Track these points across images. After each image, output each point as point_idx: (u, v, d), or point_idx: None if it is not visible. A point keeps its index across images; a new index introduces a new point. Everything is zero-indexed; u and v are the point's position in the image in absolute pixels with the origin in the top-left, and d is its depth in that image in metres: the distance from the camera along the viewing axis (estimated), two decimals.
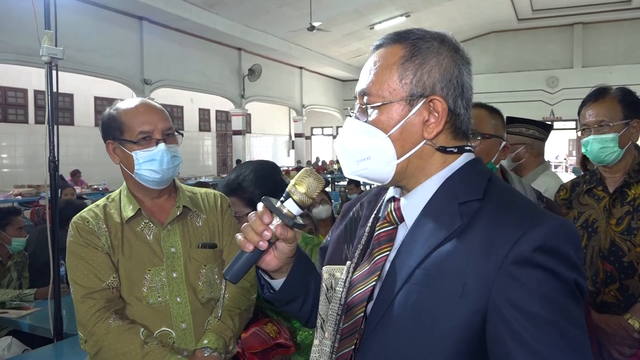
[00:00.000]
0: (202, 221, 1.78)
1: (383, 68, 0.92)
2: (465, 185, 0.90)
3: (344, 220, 1.12)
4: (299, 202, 0.93)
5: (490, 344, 0.81)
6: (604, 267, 1.96)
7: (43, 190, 8.57)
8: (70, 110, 13.59)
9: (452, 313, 0.82)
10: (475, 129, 1.64)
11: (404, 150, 0.91)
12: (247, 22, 13.62)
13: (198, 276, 1.71)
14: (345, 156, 0.96)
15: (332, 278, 1.00)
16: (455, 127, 0.93)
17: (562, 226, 0.83)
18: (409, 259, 0.88)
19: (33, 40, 2.94)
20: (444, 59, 0.91)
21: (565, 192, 2.20)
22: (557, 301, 0.79)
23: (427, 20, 15.96)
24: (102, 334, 1.56)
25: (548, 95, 18.82)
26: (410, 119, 0.90)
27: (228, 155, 19.02)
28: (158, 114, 1.69)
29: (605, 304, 1.96)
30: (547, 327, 0.77)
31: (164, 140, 1.66)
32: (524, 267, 0.79)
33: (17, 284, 3.64)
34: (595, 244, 1.99)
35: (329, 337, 0.94)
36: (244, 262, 0.94)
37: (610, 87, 2.01)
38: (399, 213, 0.95)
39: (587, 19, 18.09)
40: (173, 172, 1.70)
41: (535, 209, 0.87)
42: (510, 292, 0.79)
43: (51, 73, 2.83)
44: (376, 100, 0.92)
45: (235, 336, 1.70)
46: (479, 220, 0.85)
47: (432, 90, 0.90)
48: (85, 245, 1.64)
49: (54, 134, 2.81)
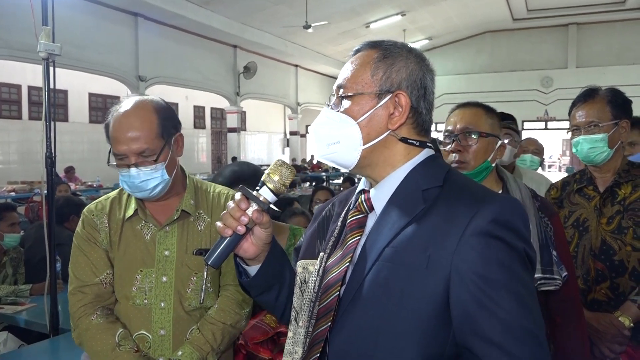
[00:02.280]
0: (205, 225, 1.72)
1: (358, 66, 1.05)
2: (427, 174, 1.01)
3: (316, 220, 1.21)
4: (274, 189, 1.02)
5: (453, 308, 0.90)
6: (595, 265, 1.98)
7: (37, 187, 8.54)
8: (65, 107, 13.53)
9: (419, 284, 0.91)
10: (472, 128, 1.66)
11: (369, 138, 1.02)
12: (243, 20, 13.60)
13: (188, 283, 1.67)
14: (318, 140, 1.07)
15: (305, 272, 1.08)
16: (417, 123, 1.05)
17: (512, 203, 0.95)
18: (379, 241, 0.98)
19: (28, 36, 2.95)
20: (411, 63, 1.05)
21: (555, 191, 2.22)
22: (511, 267, 0.89)
23: (422, 20, 16.00)
24: (83, 329, 1.61)
25: (542, 95, 18.91)
26: (377, 110, 1.02)
27: (223, 152, 19.00)
28: (135, 133, 1.55)
29: (596, 302, 1.98)
30: (503, 290, 0.87)
31: (135, 164, 1.56)
32: (481, 237, 0.89)
33: (13, 279, 3.64)
34: (587, 242, 2.01)
35: (303, 325, 1.02)
36: (224, 247, 1.01)
37: (600, 88, 2.04)
38: (369, 203, 1.05)
39: (581, 20, 18.18)
40: (150, 193, 1.60)
41: (488, 191, 0.99)
42: (470, 260, 0.89)
43: (48, 69, 2.83)
44: (350, 91, 1.04)
45: (215, 351, 1.64)
46: (440, 202, 0.96)
47: (399, 86, 1.03)
48: (87, 240, 1.68)
49: (50, 130, 2.81)
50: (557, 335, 1.69)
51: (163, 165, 1.59)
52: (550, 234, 1.65)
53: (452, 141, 1.68)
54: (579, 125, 2.02)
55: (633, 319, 1.86)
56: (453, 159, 1.67)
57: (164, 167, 1.60)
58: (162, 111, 1.63)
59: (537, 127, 19.25)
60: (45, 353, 2.61)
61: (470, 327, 0.88)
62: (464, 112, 1.71)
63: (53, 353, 2.63)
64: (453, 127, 1.69)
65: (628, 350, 1.91)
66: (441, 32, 18.99)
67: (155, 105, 1.63)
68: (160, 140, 1.59)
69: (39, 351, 2.61)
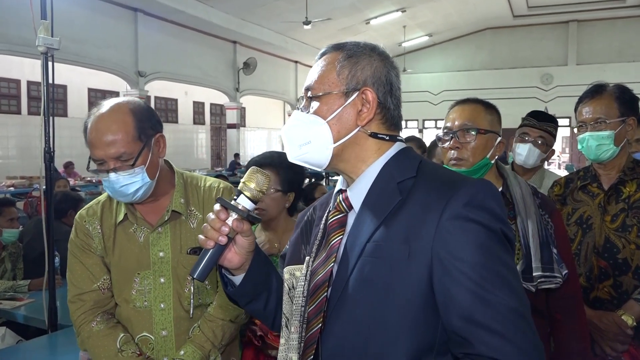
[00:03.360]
0: (198, 222, 1.69)
1: (325, 67, 1.08)
2: (400, 167, 1.03)
3: (299, 226, 1.22)
4: (251, 197, 1.03)
5: (437, 293, 0.91)
6: (598, 263, 1.96)
7: (36, 182, 8.53)
8: (64, 102, 13.49)
9: (403, 275, 0.93)
10: (471, 125, 1.65)
11: (339, 135, 1.04)
12: (243, 15, 13.57)
13: (185, 283, 1.67)
14: (289, 142, 1.09)
15: (292, 277, 1.09)
16: (386, 118, 1.07)
17: (484, 185, 0.96)
18: (360, 237, 0.99)
19: (27, 30, 2.93)
20: (375, 61, 1.07)
21: (559, 188, 2.19)
22: (489, 248, 0.90)
23: (422, 16, 15.98)
24: (85, 336, 1.63)
25: (542, 92, 18.90)
26: (345, 108, 1.04)
27: (222, 148, 18.97)
28: (110, 137, 1.50)
29: (598, 300, 1.96)
30: (483, 270, 0.89)
31: (114, 170, 1.51)
32: (457, 221, 0.91)
33: (11, 275, 3.63)
34: (590, 240, 1.99)
35: (295, 331, 1.02)
36: (208, 259, 1.02)
37: (607, 84, 2.01)
38: (348, 202, 1.06)
39: (582, 17, 18.16)
40: (132, 197, 1.56)
41: (459, 176, 1.01)
42: (448, 244, 0.91)
43: (47, 63, 2.81)
44: (317, 92, 1.06)
45: (217, 347, 1.66)
46: (415, 193, 0.98)
47: (364, 83, 1.05)
48: (81, 247, 1.68)
49: (49, 125, 2.80)
50: (558, 333, 1.68)
51: (143, 169, 1.54)
52: (551, 231, 1.64)
53: (451, 138, 1.67)
54: (586, 122, 1.99)
55: (636, 318, 1.84)
56: (451, 156, 1.66)
57: (144, 170, 1.54)
58: (139, 112, 1.57)
59: None
60: (44, 348, 2.60)
61: (455, 310, 0.89)
62: (463, 108, 1.70)
63: (51, 348, 2.62)
64: (452, 124, 1.68)
65: (630, 349, 1.89)
66: (441, 29, 18.96)
67: (131, 106, 1.57)
68: (137, 143, 1.53)
69: (38, 347, 2.60)
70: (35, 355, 2.47)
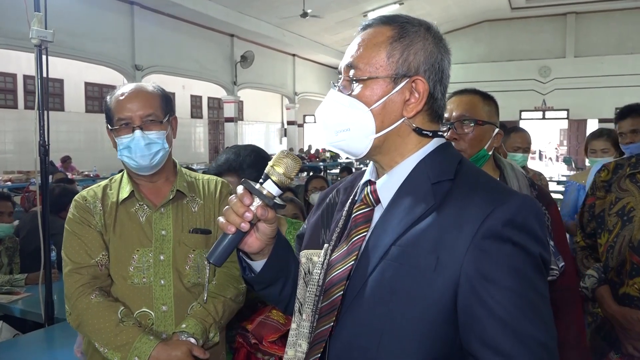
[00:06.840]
0: (199, 207, 1.77)
1: (371, 45, 0.96)
2: (438, 166, 0.94)
3: (320, 208, 1.14)
4: (278, 182, 0.95)
5: (461, 313, 0.85)
6: (631, 258, 1.83)
7: (33, 176, 8.50)
8: (61, 96, 13.46)
9: (426, 286, 0.86)
10: (469, 115, 1.64)
11: (383, 126, 0.95)
12: (240, 9, 13.50)
13: (186, 260, 1.70)
14: (326, 127, 1.00)
15: (309, 262, 1.03)
16: (432, 110, 0.98)
17: (528, 203, 0.88)
18: (385, 237, 0.92)
19: (22, 24, 2.91)
20: (429, 44, 0.96)
21: (606, 173, 2.04)
22: (524, 273, 0.84)
23: (420, 8, 15.90)
24: (83, 308, 1.60)
25: (540, 85, 18.86)
26: (392, 96, 0.94)
27: (220, 142, 18.94)
28: (141, 100, 1.66)
29: (627, 296, 1.84)
30: (514, 296, 0.82)
31: (140, 127, 1.64)
32: (494, 241, 0.84)
33: (8, 269, 3.62)
34: (627, 233, 1.86)
35: (307, 319, 0.97)
36: (227, 244, 0.95)
37: None
38: (375, 195, 0.98)
39: (580, 9, 18.10)
40: (151, 160, 1.66)
41: (502, 188, 0.92)
42: (481, 265, 0.84)
43: (41, 56, 2.79)
44: (362, 74, 0.95)
45: (217, 323, 1.67)
46: (451, 199, 0.90)
47: (416, 71, 0.95)
48: (80, 223, 1.69)
49: (44, 118, 2.79)
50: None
51: (165, 134, 1.68)
52: (548, 223, 1.64)
53: (448, 129, 1.66)
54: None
55: None
56: None
57: (165, 136, 1.69)
58: (162, 92, 1.76)
59: (535, 117, 19.23)
60: (41, 342, 2.60)
61: (478, 334, 0.84)
62: (461, 99, 1.70)
63: (48, 342, 2.63)
64: (449, 115, 1.68)
65: None
66: (439, 21, 18.49)
67: (155, 87, 1.77)
68: (163, 111, 1.70)
69: (34, 340, 2.61)
70: (32, 348, 2.48)
